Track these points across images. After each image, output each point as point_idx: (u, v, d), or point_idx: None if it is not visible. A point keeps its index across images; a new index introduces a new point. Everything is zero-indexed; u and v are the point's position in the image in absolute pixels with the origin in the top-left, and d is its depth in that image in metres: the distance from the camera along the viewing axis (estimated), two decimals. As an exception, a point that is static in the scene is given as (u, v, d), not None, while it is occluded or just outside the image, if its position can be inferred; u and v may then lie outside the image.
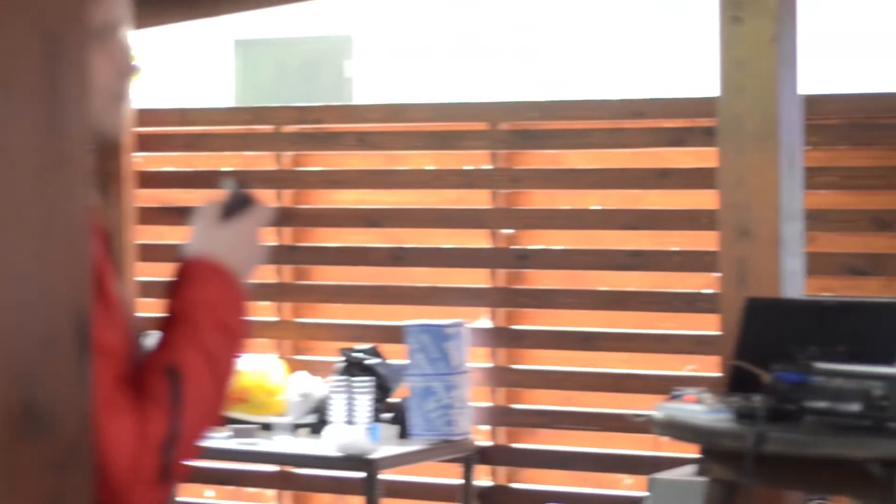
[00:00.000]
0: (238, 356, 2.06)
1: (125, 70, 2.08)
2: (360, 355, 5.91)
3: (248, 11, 6.56)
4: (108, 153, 6.38)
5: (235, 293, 2.06)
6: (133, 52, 2.09)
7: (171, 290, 2.07)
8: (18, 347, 1.69)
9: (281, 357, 6.34)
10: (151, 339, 2.05)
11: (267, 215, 2.15)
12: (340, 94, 6.36)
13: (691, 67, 6.31)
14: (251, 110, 6.55)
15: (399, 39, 6.78)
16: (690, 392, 4.54)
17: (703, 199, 5.68)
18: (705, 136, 5.65)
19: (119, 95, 2.09)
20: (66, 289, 1.76)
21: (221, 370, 2.02)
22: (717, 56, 4.82)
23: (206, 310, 2.02)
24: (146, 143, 6.72)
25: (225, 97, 6.58)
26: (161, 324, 2.04)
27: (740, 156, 4.76)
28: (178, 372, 1.96)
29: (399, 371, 5.91)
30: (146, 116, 6.70)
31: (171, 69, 7.01)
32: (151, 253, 6.64)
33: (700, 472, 4.39)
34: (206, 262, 2.06)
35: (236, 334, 2.05)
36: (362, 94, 6.40)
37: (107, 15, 2.05)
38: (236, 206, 2.13)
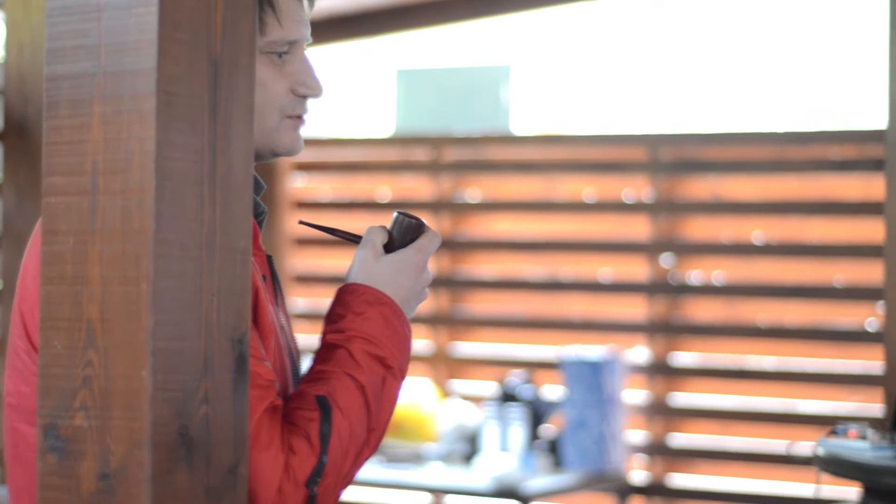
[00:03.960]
0: (396, 391, 1.99)
1: (301, 89, 2.07)
2: (514, 384, 5.87)
3: (406, 32, 6.58)
4: (265, 178, 6.42)
5: (396, 326, 1.99)
6: (312, 73, 2.08)
7: (329, 319, 2.01)
8: (176, 373, 1.68)
9: (434, 384, 6.33)
10: (306, 367, 2.01)
11: (434, 246, 2.07)
12: (497, 121, 6.34)
13: (859, 98, 6.17)
14: (409, 139, 6.55)
15: (557, 69, 6.76)
16: (853, 428, 4.43)
17: (869, 230, 5.56)
18: (873, 166, 5.54)
19: (294, 114, 2.07)
20: (226, 315, 1.75)
21: (376, 404, 1.95)
22: (884, 85, 4.71)
23: (363, 342, 1.97)
24: (304, 169, 6.78)
25: (386, 125, 6.62)
26: (316, 353, 1.99)
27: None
28: (329, 405, 1.91)
29: (553, 401, 5.86)
30: (305, 144, 6.74)
31: (334, 99, 7.08)
32: (308, 279, 6.69)
33: (861, 510, 4.28)
34: (367, 292, 2.00)
35: (394, 368, 1.98)
36: (520, 122, 6.37)
37: (285, 34, 2.03)
38: (403, 236, 2.07)
